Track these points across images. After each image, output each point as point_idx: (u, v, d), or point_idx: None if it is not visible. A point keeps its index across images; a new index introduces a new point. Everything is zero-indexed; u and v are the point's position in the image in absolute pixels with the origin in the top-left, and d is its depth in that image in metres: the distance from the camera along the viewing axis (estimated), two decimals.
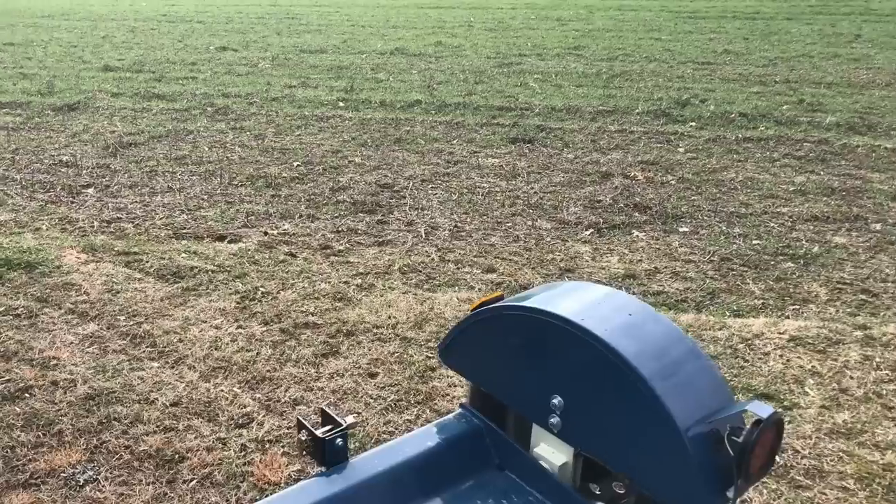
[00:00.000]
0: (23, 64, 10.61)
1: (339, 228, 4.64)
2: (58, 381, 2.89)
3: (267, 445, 2.53)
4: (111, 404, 2.76)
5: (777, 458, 1.75)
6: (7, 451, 2.50)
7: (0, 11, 17.84)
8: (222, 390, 2.86)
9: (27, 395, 2.81)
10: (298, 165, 5.96)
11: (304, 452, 1.95)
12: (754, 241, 4.45)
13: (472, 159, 6.20)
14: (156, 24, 15.84)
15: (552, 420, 1.86)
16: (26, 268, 3.88)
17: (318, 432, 1.92)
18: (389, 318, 3.41)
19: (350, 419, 2.02)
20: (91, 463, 2.46)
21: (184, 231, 4.57)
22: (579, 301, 1.96)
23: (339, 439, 1.92)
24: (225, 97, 8.47)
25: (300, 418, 1.97)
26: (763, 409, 1.73)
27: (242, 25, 15.58)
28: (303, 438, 1.94)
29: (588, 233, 4.65)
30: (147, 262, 4.01)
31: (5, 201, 5.08)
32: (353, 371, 3.00)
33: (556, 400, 1.84)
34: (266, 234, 4.52)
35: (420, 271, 4.02)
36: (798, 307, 3.63)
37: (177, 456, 2.49)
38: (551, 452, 1.93)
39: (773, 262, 4.15)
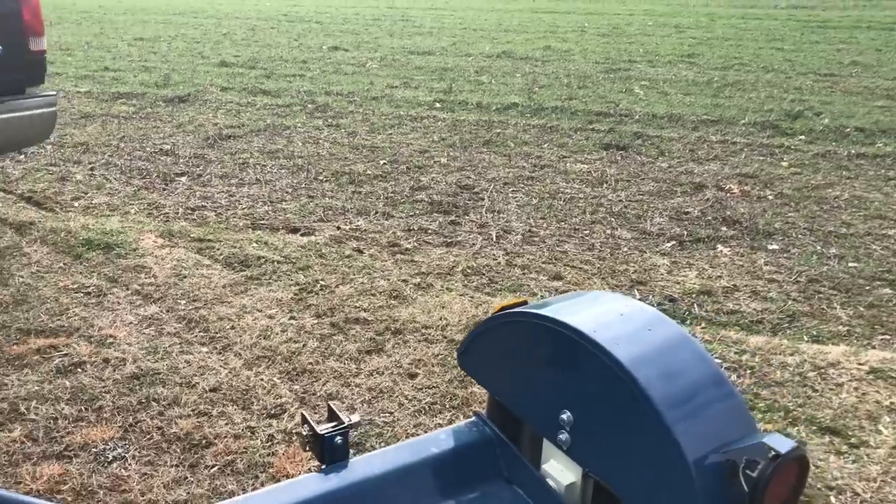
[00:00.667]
0: (147, 58, 11.20)
1: (411, 227, 4.61)
2: (109, 359, 2.98)
3: (293, 438, 2.51)
4: (154, 385, 2.81)
5: (800, 499, 1.57)
6: (49, 423, 2.58)
7: (137, 9, 18.95)
8: (262, 379, 2.87)
9: (79, 370, 2.91)
10: (384, 164, 5.99)
11: (306, 448, 1.91)
12: (850, 264, 4.11)
13: (559, 164, 6.05)
14: (276, 23, 16.41)
15: (561, 436, 1.74)
16: (105, 249, 4.04)
17: (319, 428, 1.87)
18: (440, 319, 3.34)
19: (355, 417, 1.96)
20: (123, 441, 2.51)
21: (261, 222, 4.66)
22: (599, 313, 1.83)
23: (338, 437, 1.86)
24: (327, 95, 8.64)
25: (304, 413, 1.92)
26: (782, 443, 1.55)
27: (357, 27, 15.92)
28: (304, 433, 1.90)
29: (669, 245, 4.43)
30: (218, 249, 4.10)
31: (103, 185, 5.34)
32: (393, 370, 2.95)
33: (566, 415, 1.72)
34: (339, 228, 4.55)
35: (483, 274, 3.93)
36: (889, 337, 3.31)
37: (204, 441, 2.51)
38: (560, 471, 1.81)
39: (867, 287, 3.81)
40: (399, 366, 2.99)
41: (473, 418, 2.02)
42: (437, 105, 8.17)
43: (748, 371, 3.00)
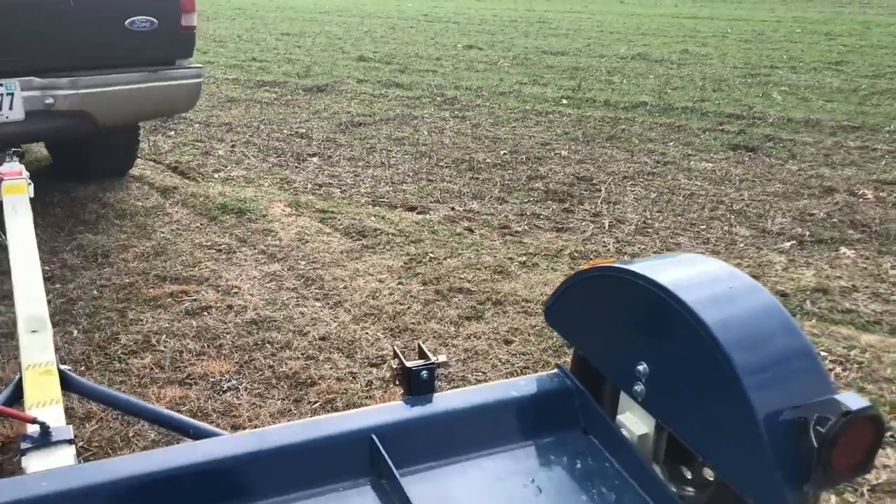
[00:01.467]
0: (291, 51, 11.81)
1: (524, 212, 4.69)
2: (233, 306, 3.24)
3: (389, 385, 2.66)
4: (269, 330, 3.05)
5: (873, 464, 1.55)
6: (176, 354, 2.86)
7: (287, 7, 19.96)
8: (367, 333, 3.05)
9: (205, 313, 3.18)
10: (504, 153, 6.10)
11: (396, 381, 2.06)
12: None
13: (683, 162, 5.96)
14: (415, 23, 16.87)
15: (636, 388, 1.81)
16: (238, 213, 4.37)
17: (408, 363, 2.01)
18: (542, 294, 3.41)
19: (442, 357, 2.09)
20: (237, 374, 2.74)
21: (381, 200, 4.88)
22: (682, 270, 1.89)
23: (424, 372, 2.00)
24: (456, 89, 8.85)
25: (395, 348, 2.07)
26: (854, 401, 1.56)
27: (494, 27, 16.12)
28: (394, 366, 2.05)
29: (788, 244, 4.30)
30: (339, 220, 4.34)
31: (242, 161, 5.73)
32: (490, 335, 3.06)
33: (642, 367, 1.79)
34: (453, 209, 4.70)
35: (590, 258, 3.97)
36: None
37: (309, 380, 2.70)
38: (634, 422, 1.88)
39: None
40: (496, 332, 3.09)
41: (556, 370, 2.10)
42: (564, 101, 8.20)
43: (856, 365, 2.90)
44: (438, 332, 3.08)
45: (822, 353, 3.02)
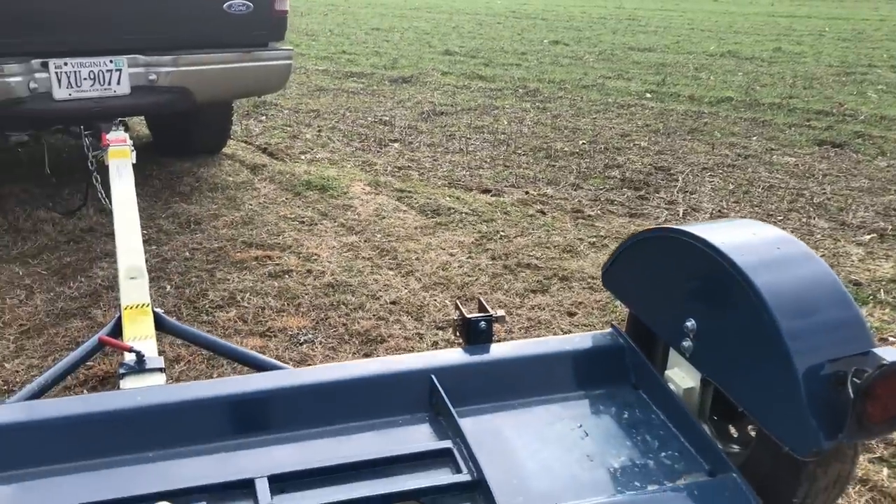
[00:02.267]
0: (380, 45, 12.10)
1: (598, 198, 4.75)
2: (312, 271, 3.44)
3: (454, 346, 2.79)
4: (344, 293, 3.23)
5: None
6: (257, 310, 3.07)
7: (377, 3, 20.37)
8: (435, 300, 3.19)
9: (286, 276, 3.39)
10: (582, 143, 6.15)
11: (456, 332, 2.20)
12: None
13: (765, 156, 5.89)
14: (502, 19, 16.97)
15: (684, 343, 1.90)
16: (320, 189, 4.59)
17: (468, 314, 2.15)
18: None
19: (500, 312, 2.22)
20: (314, 330, 2.93)
21: (457, 182, 5.02)
22: (736, 233, 1.97)
23: (482, 322, 2.13)
24: (539, 82, 8.92)
25: (457, 302, 2.21)
26: (891, 354, 1.61)
27: (581, 24, 16.07)
28: (455, 318, 2.19)
29: (868, 237, 4.23)
30: (416, 199, 4.51)
31: (327, 144, 5.98)
32: (554, 308, 3.15)
33: (690, 323, 1.87)
34: (527, 193, 4.80)
35: None
36: None
37: (379, 338, 2.86)
38: (681, 377, 1.97)
39: None
40: (560, 305, 3.18)
41: (610, 329, 2.20)
42: (648, 95, 8.17)
43: None
44: (504, 303, 3.20)
45: (892, 340, 3.00)
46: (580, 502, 1.65)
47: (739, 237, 1.91)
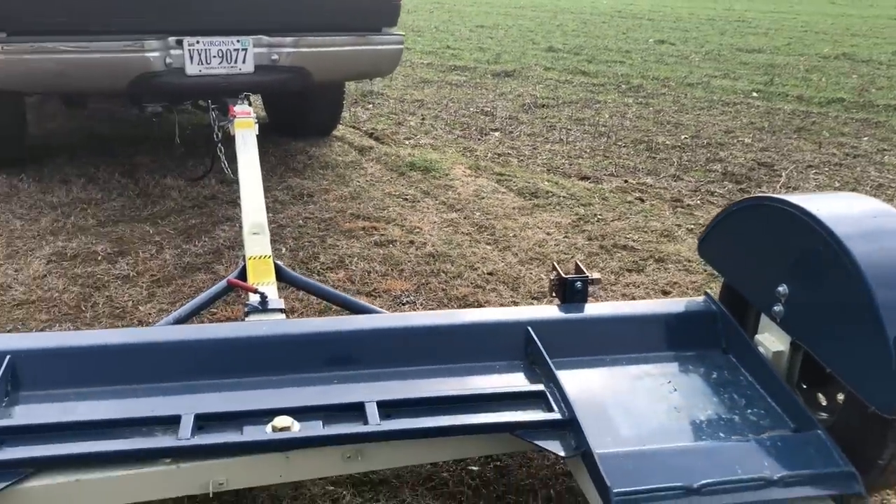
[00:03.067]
0: (483, 41, 12.27)
1: (698, 189, 4.76)
2: (414, 241, 3.62)
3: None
4: (444, 262, 3.39)
5: None
6: (364, 273, 3.26)
7: (482, 1, 20.55)
8: (531, 273, 3.31)
9: (390, 245, 3.58)
10: (685, 138, 6.13)
11: (552, 293, 2.32)
12: None
13: (876, 156, 5.73)
14: (607, 18, 16.86)
15: (776, 308, 1.97)
16: (423, 170, 4.77)
17: (564, 274, 2.27)
18: None
19: (595, 275, 2.34)
20: (415, 293, 3.10)
21: (557, 169, 5.11)
22: (830, 201, 2.02)
23: (578, 283, 2.25)
24: (642, 78, 8.88)
25: (555, 263, 2.34)
26: None
27: (689, 25, 15.80)
28: (552, 278, 2.32)
29: None
30: (515, 182, 4.63)
31: (430, 131, 6.17)
32: (649, 286, 3.22)
33: (782, 288, 1.94)
34: (626, 182, 4.85)
35: None
36: None
37: (476, 303, 3.01)
38: (771, 341, 2.04)
39: None
40: (654, 283, 3.25)
41: (703, 296, 2.27)
42: (755, 94, 8.02)
43: None
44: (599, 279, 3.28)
45: None
46: (666, 445, 1.75)
47: (836, 207, 1.96)
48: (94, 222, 3.76)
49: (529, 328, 2.09)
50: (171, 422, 1.73)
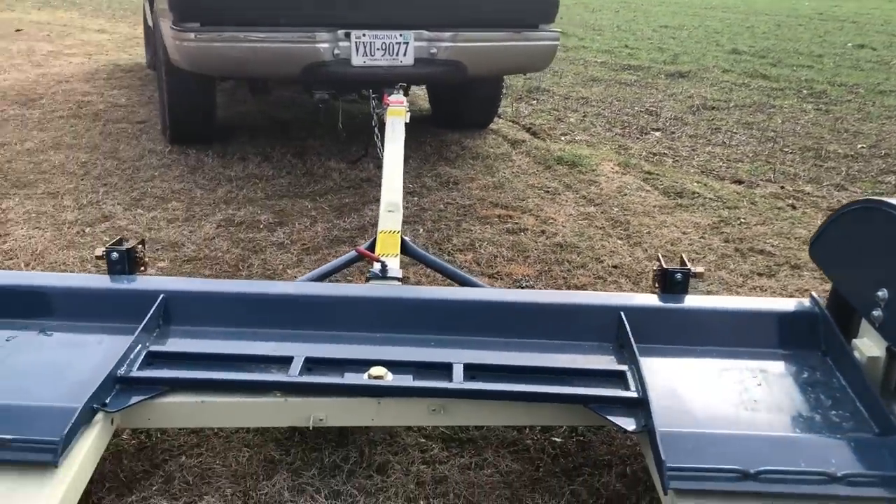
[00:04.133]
0: (664, 42, 12.02)
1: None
2: (545, 231, 3.74)
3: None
4: (571, 252, 3.49)
5: None
6: (491, 257, 3.43)
7: (671, 1, 20.01)
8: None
9: (522, 233, 3.73)
10: (861, 147, 5.78)
11: (655, 283, 2.39)
12: None
13: None
14: (805, 21, 15.91)
15: (875, 312, 1.94)
16: (570, 165, 4.86)
17: (666, 265, 2.34)
18: None
19: (699, 269, 2.38)
20: (536, 279, 3.23)
21: (710, 172, 5.02)
22: None
23: (679, 275, 2.31)
24: (828, 85, 8.39)
25: (659, 255, 2.40)
26: None
27: None
28: (654, 269, 2.39)
29: None
30: (662, 181, 4.61)
31: (589, 128, 6.22)
32: (777, 291, 3.15)
33: (882, 292, 1.91)
34: (782, 188, 4.68)
35: None
36: None
37: None
38: (868, 346, 2.01)
39: None
40: (784, 289, 3.17)
41: (808, 298, 2.25)
42: None
43: None
44: (725, 280, 3.25)
45: None
46: (731, 431, 1.78)
47: None
48: (262, 195, 4.18)
49: (622, 313, 2.17)
50: (285, 361, 2.00)
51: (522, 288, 3.14)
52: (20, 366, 1.97)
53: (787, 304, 2.27)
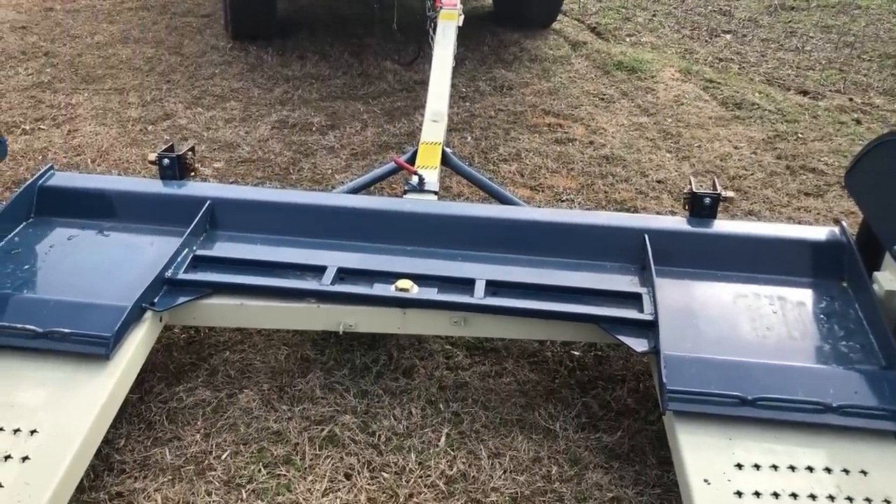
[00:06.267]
0: None
1: None
2: (594, 142, 3.73)
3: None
4: (616, 165, 3.49)
5: None
6: (535, 169, 3.46)
7: None
8: (702, 185, 3.31)
9: (570, 143, 3.73)
10: None
11: (685, 205, 2.41)
12: None
13: None
14: None
15: None
16: (630, 71, 4.75)
17: (696, 188, 2.35)
18: None
19: (729, 193, 2.38)
20: (577, 192, 3.26)
21: (776, 80, 4.84)
22: None
23: (708, 199, 2.32)
24: None
25: (692, 177, 2.41)
26: None
27: None
28: (685, 191, 2.40)
29: None
30: (722, 91, 4.49)
31: (656, 29, 6.01)
32: (821, 212, 3.12)
33: None
34: (851, 100, 4.50)
35: None
36: None
37: (633, 209, 3.12)
38: (888, 279, 2.02)
39: None
40: (829, 211, 3.13)
41: (837, 226, 2.24)
42: None
43: None
44: (770, 199, 3.22)
45: None
46: (738, 358, 1.84)
47: None
48: (317, 96, 4.26)
49: (646, 235, 2.21)
50: (319, 270, 2.13)
51: (563, 202, 3.18)
52: (79, 264, 2.16)
53: (815, 233, 2.27)
